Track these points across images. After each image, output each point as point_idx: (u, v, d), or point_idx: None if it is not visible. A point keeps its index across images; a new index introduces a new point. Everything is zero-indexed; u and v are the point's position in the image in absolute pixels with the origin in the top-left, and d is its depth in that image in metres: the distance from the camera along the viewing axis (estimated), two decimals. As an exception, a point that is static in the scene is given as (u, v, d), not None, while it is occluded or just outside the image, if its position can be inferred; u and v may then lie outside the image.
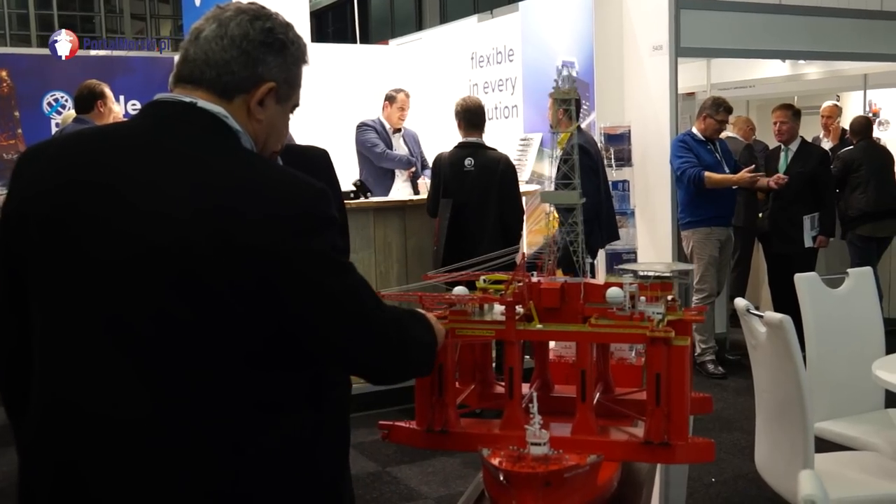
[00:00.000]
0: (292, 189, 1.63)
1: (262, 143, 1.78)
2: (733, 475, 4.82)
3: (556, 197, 2.54)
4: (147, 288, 1.54)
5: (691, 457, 2.31)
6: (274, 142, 1.82)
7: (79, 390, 1.58)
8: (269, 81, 1.72)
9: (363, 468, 5.04)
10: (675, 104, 6.98)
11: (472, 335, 2.38)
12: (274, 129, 1.79)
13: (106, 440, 1.55)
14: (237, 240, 1.53)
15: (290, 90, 1.79)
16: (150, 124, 1.68)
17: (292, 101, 1.82)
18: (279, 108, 1.78)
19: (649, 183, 7.10)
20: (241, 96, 1.71)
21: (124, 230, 1.56)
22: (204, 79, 1.70)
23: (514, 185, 5.79)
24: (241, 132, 1.70)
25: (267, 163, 1.73)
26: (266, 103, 1.74)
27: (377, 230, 6.17)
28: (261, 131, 1.75)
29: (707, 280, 6.73)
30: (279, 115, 1.79)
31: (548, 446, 2.10)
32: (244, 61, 1.70)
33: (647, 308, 2.38)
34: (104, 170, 1.61)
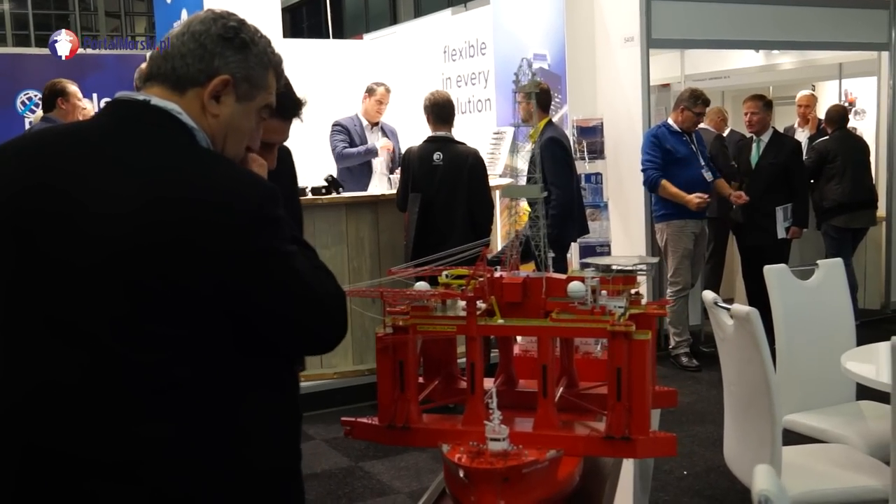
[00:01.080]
0: (241, 187, 1.62)
1: (221, 142, 1.75)
2: (705, 468, 4.83)
3: (518, 191, 2.52)
4: (98, 290, 1.55)
5: (653, 451, 2.29)
6: (234, 142, 1.78)
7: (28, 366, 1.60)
8: (223, 75, 1.70)
9: (335, 463, 5.02)
10: (647, 96, 6.99)
11: (433, 331, 2.36)
12: (233, 129, 1.75)
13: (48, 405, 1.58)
14: (186, 241, 1.54)
15: (251, 89, 1.75)
16: (105, 124, 1.69)
17: (257, 101, 1.78)
18: (239, 107, 1.74)
19: (622, 175, 7.10)
20: (195, 89, 1.69)
21: (78, 232, 1.56)
22: (160, 73, 1.70)
23: (482, 179, 5.77)
24: (196, 129, 1.68)
25: (216, 160, 1.69)
26: (223, 99, 1.71)
27: (349, 225, 6.14)
28: (217, 129, 1.73)
29: (681, 273, 6.74)
30: (240, 114, 1.75)
31: (507, 442, 2.07)
32: (200, 54, 1.69)
33: (608, 302, 2.37)
34: (57, 173, 1.62)
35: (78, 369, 1.55)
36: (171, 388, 1.57)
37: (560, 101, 7.12)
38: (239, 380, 1.66)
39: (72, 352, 1.56)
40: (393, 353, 2.35)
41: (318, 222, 6.04)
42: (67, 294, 1.56)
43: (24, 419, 1.59)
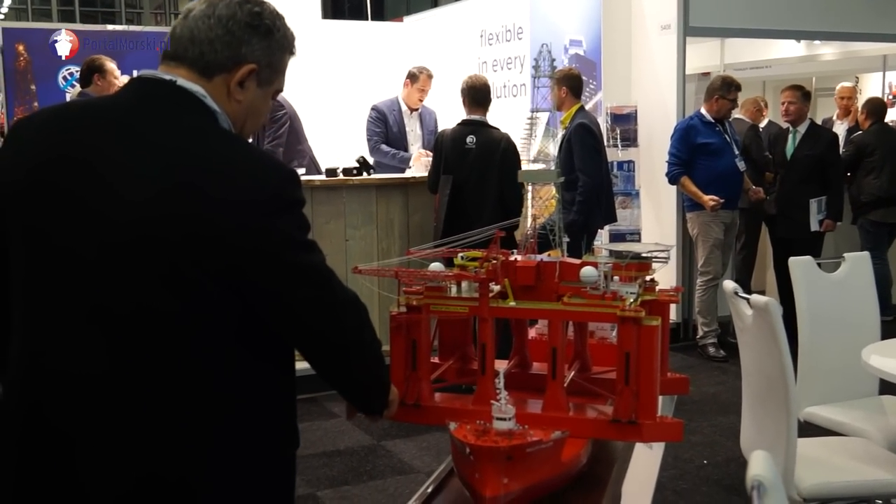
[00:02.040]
0: (262, 170, 1.66)
1: (241, 125, 1.80)
2: (726, 458, 4.83)
3: (534, 175, 2.53)
4: (122, 268, 1.59)
5: (659, 436, 2.32)
6: (252, 124, 1.84)
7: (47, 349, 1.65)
8: (250, 63, 1.74)
9: (358, 441, 5.09)
10: (682, 84, 6.94)
11: (445, 311, 2.40)
12: (253, 111, 1.81)
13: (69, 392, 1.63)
14: (205, 220, 1.57)
15: (272, 74, 1.80)
16: (131, 101, 1.71)
17: (274, 85, 1.84)
18: (260, 92, 1.80)
19: (655, 164, 7.07)
20: (222, 76, 1.73)
21: (99, 210, 1.60)
22: (187, 56, 1.72)
23: (514, 164, 5.76)
24: (219, 112, 1.72)
25: (239, 143, 1.74)
26: (246, 85, 1.76)
27: (379, 206, 6.18)
28: (240, 112, 1.78)
29: (711, 262, 6.72)
30: (259, 98, 1.81)
31: (513, 422, 2.11)
32: (228, 41, 1.72)
33: (620, 288, 2.39)
34: (81, 146, 1.65)
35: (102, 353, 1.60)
36: (185, 374, 1.63)
37: (594, 87, 7.11)
38: (243, 365, 1.69)
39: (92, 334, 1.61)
40: (406, 332, 2.39)
41: (349, 203, 6.10)
42: (83, 273, 1.61)
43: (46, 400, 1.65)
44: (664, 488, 4.49)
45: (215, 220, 1.57)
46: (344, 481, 4.56)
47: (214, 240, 1.58)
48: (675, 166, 6.65)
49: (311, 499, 4.35)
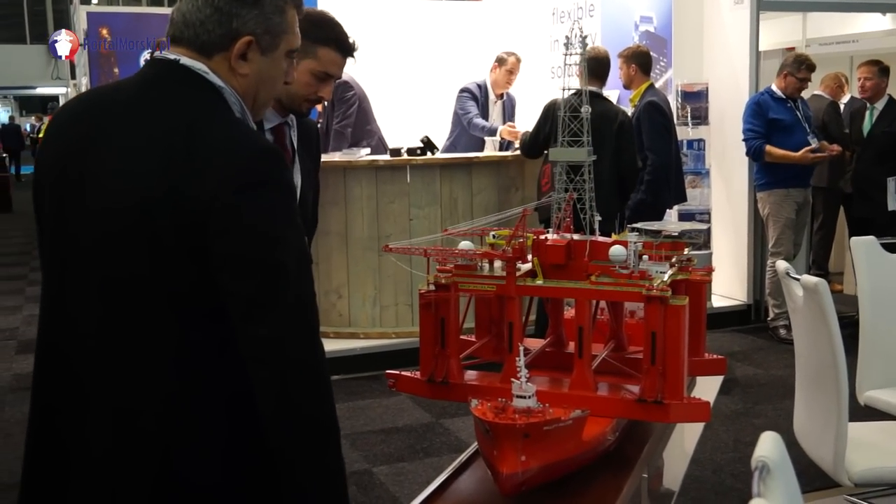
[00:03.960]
0: (236, 146, 1.63)
1: (253, 97, 1.79)
2: (788, 442, 4.55)
3: (565, 154, 2.52)
4: (115, 242, 1.64)
5: (685, 416, 2.29)
6: (267, 93, 1.83)
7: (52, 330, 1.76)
8: (246, 35, 1.73)
9: (417, 419, 5.15)
10: (755, 61, 6.78)
11: (473, 289, 2.41)
12: (265, 80, 1.80)
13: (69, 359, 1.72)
14: (183, 192, 1.58)
15: (274, 40, 1.77)
16: (138, 83, 1.75)
17: (282, 48, 1.80)
18: (266, 60, 1.78)
19: (726, 142, 6.93)
20: (221, 53, 1.74)
21: (101, 188, 1.66)
22: (184, 38, 1.74)
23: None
24: (224, 87, 1.73)
25: (224, 120, 1.70)
26: (249, 57, 1.75)
27: (443, 186, 6.21)
28: (248, 85, 1.77)
29: (783, 243, 6.56)
30: (269, 65, 1.79)
31: (533, 399, 2.11)
32: (218, 19, 1.72)
33: (650, 267, 2.37)
34: (91, 136, 1.71)
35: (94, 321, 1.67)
36: (180, 349, 1.65)
37: (665, 65, 6.98)
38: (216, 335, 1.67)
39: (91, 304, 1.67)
40: (435, 310, 2.41)
41: (413, 183, 6.14)
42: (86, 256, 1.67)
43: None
44: (721, 471, 4.44)
45: (193, 197, 1.58)
46: (400, 458, 4.62)
47: (189, 209, 1.58)
48: (755, 139, 6.46)
49: (367, 474, 4.43)
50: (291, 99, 2.63)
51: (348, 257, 6.18)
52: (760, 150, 6.42)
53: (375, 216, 6.14)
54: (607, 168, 5.49)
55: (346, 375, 5.76)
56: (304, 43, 2.58)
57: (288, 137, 2.73)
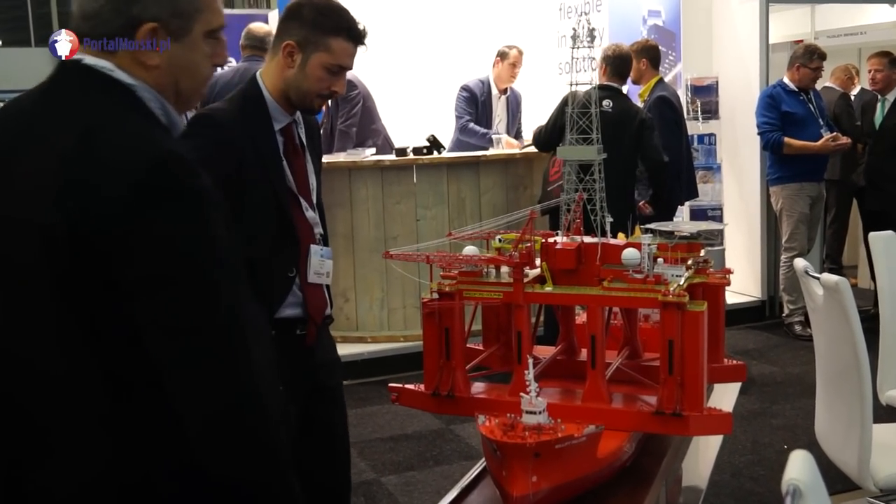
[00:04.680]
0: (131, 155, 1.42)
1: (174, 89, 1.59)
2: (808, 442, 4.59)
3: (574, 152, 2.40)
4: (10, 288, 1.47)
5: (706, 429, 2.18)
6: (190, 82, 1.62)
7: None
8: (148, 22, 1.53)
9: (427, 425, 5.03)
10: (765, 54, 6.64)
11: (479, 297, 2.30)
12: (183, 69, 1.59)
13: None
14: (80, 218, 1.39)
15: (185, 22, 1.56)
16: (39, 89, 1.58)
17: (197, 30, 1.59)
18: (179, 46, 1.56)
19: (737, 136, 6.79)
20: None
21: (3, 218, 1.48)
22: (83, 33, 1.55)
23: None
24: (136, 84, 1.54)
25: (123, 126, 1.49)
26: (158, 45, 1.55)
27: (450, 186, 6.09)
28: (164, 76, 1.56)
29: (797, 238, 6.43)
30: (184, 52, 1.58)
31: (544, 415, 2.00)
32: (114, 7, 1.53)
33: (665, 270, 2.25)
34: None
35: None
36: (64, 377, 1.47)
37: (674, 59, 6.85)
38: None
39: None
40: (439, 320, 2.30)
41: (420, 183, 6.02)
42: None
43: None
44: (740, 474, 4.31)
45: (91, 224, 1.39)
46: (409, 466, 4.51)
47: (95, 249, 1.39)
48: (770, 132, 6.30)
49: (376, 484, 4.31)
50: (303, 96, 2.50)
51: (355, 259, 6.06)
52: (779, 142, 6.27)
53: (382, 217, 6.02)
54: (622, 161, 5.34)
55: (354, 381, 5.64)
56: (312, 35, 2.48)
57: (297, 136, 2.61)
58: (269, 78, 2.53)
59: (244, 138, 2.44)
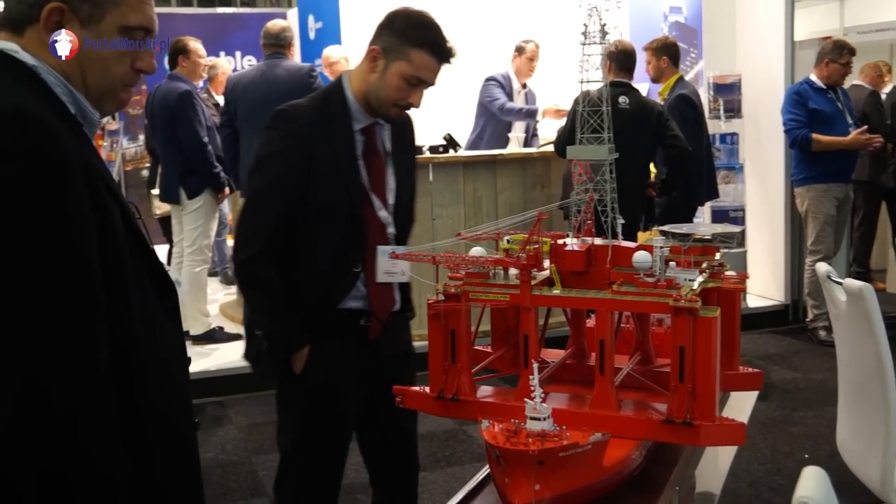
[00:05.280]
0: None
1: (79, 77, 1.53)
2: (830, 452, 4.48)
3: (585, 152, 2.32)
4: None
5: (718, 439, 2.09)
6: (97, 79, 1.54)
7: None
8: (53, 2, 1.48)
9: (440, 425, 4.96)
10: (790, 50, 6.51)
11: (485, 299, 2.22)
12: (90, 61, 1.52)
13: None
14: None
15: (94, 9, 1.50)
16: None
17: (109, 21, 1.52)
18: (88, 33, 1.51)
19: (761, 136, 6.68)
20: (32, 26, 1.50)
21: None
22: (2, 18, 1.53)
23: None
24: (39, 66, 1.48)
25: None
26: (66, 29, 1.50)
27: (466, 185, 6.02)
28: (70, 66, 1.51)
29: (822, 241, 6.30)
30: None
31: (549, 422, 1.93)
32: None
33: (678, 274, 2.17)
34: None
35: None
36: None
37: (695, 56, 6.75)
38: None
39: None
40: (444, 322, 2.23)
41: (436, 181, 5.95)
42: None
43: None
44: (759, 484, 4.21)
45: None
46: (421, 467, 4.40)
47: None
48: (797, 129, 6.17)
49: (386, 485, 4.25)
50: (381, 103, 2.56)
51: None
52: (807, 139, 6.14)
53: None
54: (642, 158, 5.25)
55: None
56: (397, 44, 2.52)
57: (379, 139, 2.66)
58: (355, 79, 2.59)
59: (320, 135, 2.52)
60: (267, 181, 2.54)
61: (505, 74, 7.10)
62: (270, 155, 2.55)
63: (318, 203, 2.51)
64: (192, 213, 5.95)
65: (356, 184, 2.56)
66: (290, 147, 2.50)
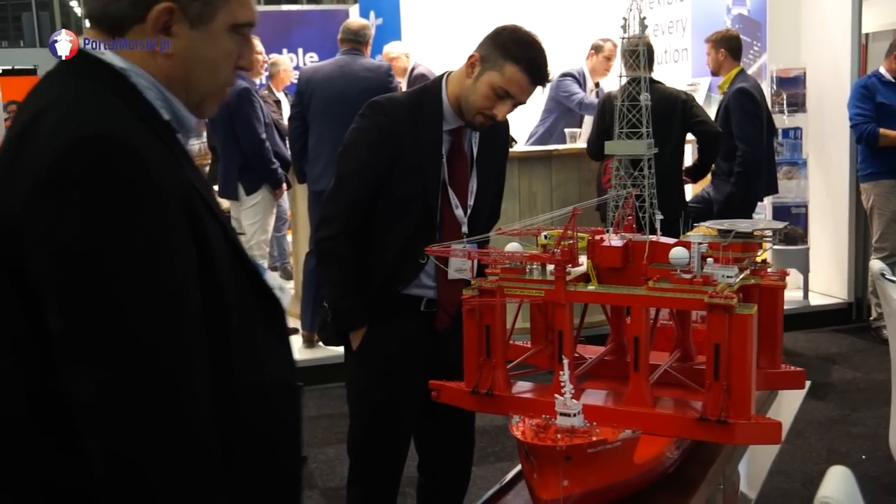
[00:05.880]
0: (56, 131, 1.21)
1: (186, 84, 1.40)
2: (888, 453, 4.36)
3: (622, 147, 2.31)
4: None
5: (752, 438, 2.07)
6: (204, 78, 1.41)
7: None
8: (162, 1, 1.33)
9: (491, 420, 4.94)
10: (857, 43, 6.35)
11: (520, 294, 2.23)
12: (199, 62, 1.39)
13: None
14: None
15: (205, 7, 1.36)
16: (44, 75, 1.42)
17: (220, 20, 1.38)
18: (198, 35, 1.37)
19: (825, 130, 6.52)
20: (135, 28, 1.34)
21: None
22: (93, 15, 1.37)
23: (700, 109, 5.27)
24: (129, 69, 1.34)
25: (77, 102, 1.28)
26: (174, 31, 1.35)
27: (521, 180, 6.00)
28: (174, 69, 1.37)
29: (888, 238, 6.14)
30: (199, 43, 1.37)
31: (579, 418, 1.93)
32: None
33: (716, 271, 2.15)
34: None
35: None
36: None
37: (759, 49, 6.62)
38: None
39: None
40: (479, 317, 2.25)
41: (491, 177, 5.95)
42: None
43: None
44: (812, 484, 4.13)
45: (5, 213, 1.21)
46: (471, 462, 4.46)
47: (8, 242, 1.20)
48: (865, 123, 6.02)
49: (435, 479, 4.27)
50: (468, 108, 2.63)
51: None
52: (874, 135, 5.99)
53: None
54: (672, 152, 5.17)
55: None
56: (495, 54, 2.58)
57: (467, 141, 2.73)
58: (452, 82, 2.67)
59: (408, 131, 2.61)
60: (351, 168, 2.66)
61: (580, 70, 7.03)
62: (358, 143, 2.66)
63: (398, 194, 2.62)
64: (251, 209, 6.04)
65: (435, 180, 2.64)
66: (377, 139, 2.60)
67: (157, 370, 1.18)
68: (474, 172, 2.74)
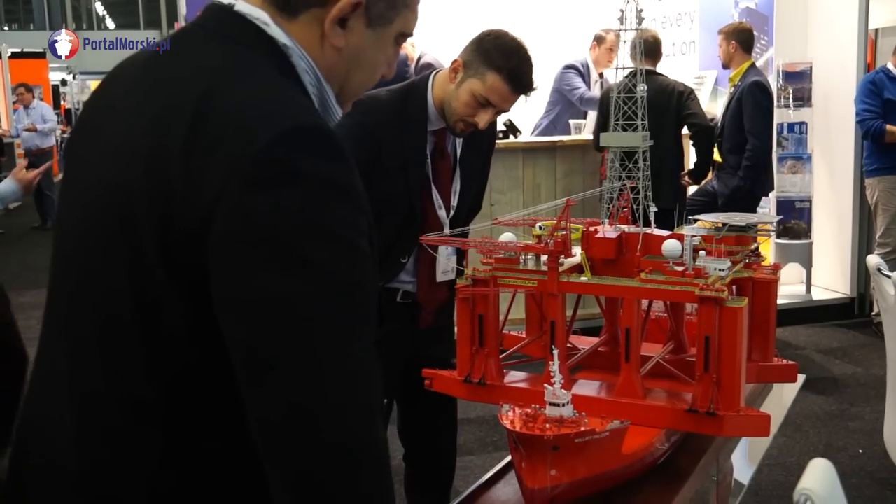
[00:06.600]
0: (258, 117, 1.10)
1: (342, 80, 1.31)
2: (885, 449, 4.39)
3: (618, 139, 2.32)
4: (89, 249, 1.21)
5: (741, 430, 2.08)
6: (361, 79, 1.33)
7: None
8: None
9: (491, 410, 4.89)
10: (864, 38, 6.33)
11: (513, 284, 2.24)
12: (362, 61, 1.31)
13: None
14: (174, 192, 1.09)
15: (388, 9, 1.28)
16: (173, 37, 1.32)
17: (395, 26, 1.30)
18: (371, 34, 1.28)
19: (831, 125, 6.51)
20: (312, 11, 1.23)
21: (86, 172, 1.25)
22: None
23: (695, 103, 5.36)
24: (293, 48, 1.23)
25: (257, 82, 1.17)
26: (350, 25, 1.25)
27: (526, 171, 6.02)
28: (338, 64, 1.28)
29: (892, 233, 6.14)
30: (372, 44, 1.29)
31: (568, 408, 1.94)
32: None
33: (708, 263, 2.16)
34: (99, 105, 1.31)
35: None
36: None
37: (766, 43, 6.60)
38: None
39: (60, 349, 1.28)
40: (472, 306, 2.26)
41: (495, 167, 5.93)
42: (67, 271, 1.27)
43: None
44: (809, 478, 4.14)
45: (187, 199, 1.08)
46: (468, 451, 4.48)
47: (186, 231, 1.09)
48: (872, 119, 6.02)
49: (433, 467, 4.30)
50: (449, 114, 2.63)
51: (429, 243, 6.06)
52: (880, 131, 5.98)
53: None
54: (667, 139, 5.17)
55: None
56: (477, 61, 2.58)
57: (450, 142, 2.74)
58: (437, 84, 2.67)
59: (392, 130, 2.61)
60: None
61: (583, 62, 7.04)
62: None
63: (380, 194, 2.53)
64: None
65: (419, 180, 2.64)
66: (357, 137, 2.50)
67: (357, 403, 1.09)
68: (458, 174, 2.74)
